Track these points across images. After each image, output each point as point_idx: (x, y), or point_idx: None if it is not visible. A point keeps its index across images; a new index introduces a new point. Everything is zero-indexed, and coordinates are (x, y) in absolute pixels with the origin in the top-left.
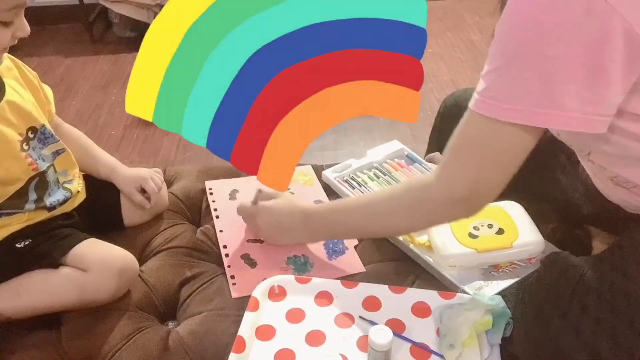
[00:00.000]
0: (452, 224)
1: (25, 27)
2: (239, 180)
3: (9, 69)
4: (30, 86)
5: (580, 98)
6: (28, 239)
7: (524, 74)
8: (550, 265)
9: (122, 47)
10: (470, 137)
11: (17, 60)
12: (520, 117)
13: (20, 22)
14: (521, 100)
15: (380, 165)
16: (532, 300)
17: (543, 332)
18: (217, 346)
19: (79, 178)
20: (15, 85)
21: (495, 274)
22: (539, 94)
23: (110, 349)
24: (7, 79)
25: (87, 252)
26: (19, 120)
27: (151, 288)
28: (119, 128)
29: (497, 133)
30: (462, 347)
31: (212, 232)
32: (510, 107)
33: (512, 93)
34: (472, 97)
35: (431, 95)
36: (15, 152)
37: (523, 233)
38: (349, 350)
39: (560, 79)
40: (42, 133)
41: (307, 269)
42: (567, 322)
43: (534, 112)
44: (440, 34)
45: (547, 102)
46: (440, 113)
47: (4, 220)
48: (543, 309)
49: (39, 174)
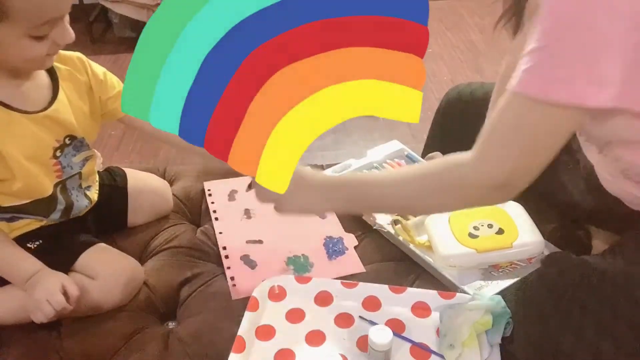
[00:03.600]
0: (452, 225)
1: (65, 35)
2: (237, 180)
3: (73, 72)
4: (91, 97)
5: (631, 74)
6: (39, 240)
7: (572, 51)
8: (551, 265)
9: (122, 47)
10: (513, 120)
11: (91, 64)
12: (569, 96)
13: (58, 31)
14: (570, 78)
15: (380, 165)
16: (532, 300)
17: (543, 331)
18: (217, 346)
19: (95, 183)
20: (71, 92)
21: (495, 273)
22: (588, 72)
23: (110, 349)
24: (65, 83)
25: (96, 259)
26: (60, 128)
27: (151, 288)
28: (119, 128)
29: (542, 114)
30: (462, 347)
31: (212, 232)
32: (558, 87)
33: (559, 71)
34: (513, 78)
35: (431, 95)
36: (45, 158)
37: (523, 233)
38: (349, 350)
39: (610, 55)
40: (79, 141)
41: (307, 269)
42: (568, 321)
43: (584, 91)
44: (440, 34)
45: (597, 79)
46: (442, 107)
47: (23, 222)
48: (544, 308)
49: (62, 181)
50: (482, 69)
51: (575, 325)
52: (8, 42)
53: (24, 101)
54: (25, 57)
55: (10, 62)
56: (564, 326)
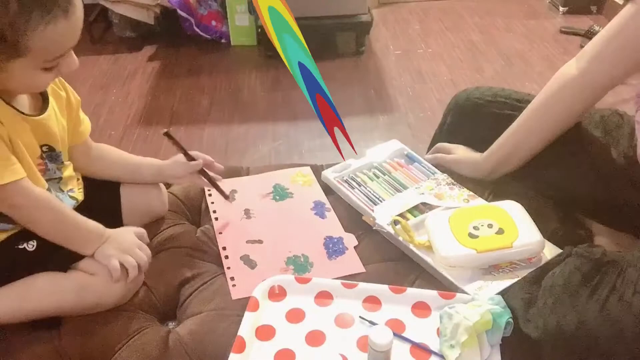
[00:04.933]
0: (451, 225)
1: (71, 64)
2: (237, 180)
3: (57, 91)
4: (69, 113)
5: None
6: (32, 240)
7: None
8: (587, 256)
9: (122, 47)
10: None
11: (67, 86)
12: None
13: (65, 60)
14: None
15: (380, 165)
16: (562, 282)
17: (569, 305)
18: (217, 346)
19: (77, 184)
20: (56, 107)
21: (496, 273)
22: None
23: (110, 349)
24: (52, 98)
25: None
26: (44, 136)
27: (151, 288)
28: (119, 128)
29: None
30: (462, 348)
31: (212, 232)
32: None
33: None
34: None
35: (431, 95)
36: (34, 157)
37: (523, 233)
38: (349, 351)
39: None
40: (56, 154)
41: (307, 269)
42: (595, 297)
43: None
44: (440, 34)
45: None
46: (451, 109)
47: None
48: (572, 287)
49: (49, 180)
50: (482, 69)
51: (602, 300)
52: (21, 75)
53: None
54: (32, 86)
55: (15, 89)
56: (591, 301)
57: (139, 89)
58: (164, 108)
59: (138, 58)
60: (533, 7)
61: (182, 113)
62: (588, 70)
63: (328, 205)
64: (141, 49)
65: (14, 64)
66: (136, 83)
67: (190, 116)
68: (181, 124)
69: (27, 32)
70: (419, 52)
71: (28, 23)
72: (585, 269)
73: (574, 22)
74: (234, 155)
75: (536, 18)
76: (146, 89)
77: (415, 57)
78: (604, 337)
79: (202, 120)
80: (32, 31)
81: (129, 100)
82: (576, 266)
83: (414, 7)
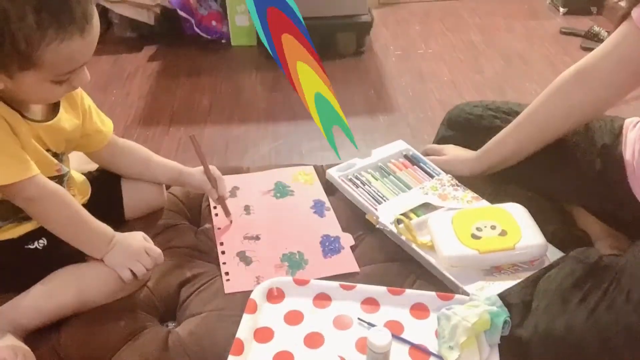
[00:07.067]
0: (454, 225)
1: (83, 78)
2: (238, 177)
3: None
4: (84, 114)
5: None
6: (41, 238)
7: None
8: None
9: (122, 48)
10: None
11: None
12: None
13: (77, 75)
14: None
15: (385, 165)
16: (555, 285)
17: (560, 309)
18: (216, 346)
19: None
20: (67, 109)
21: (497, 274)
22: None
23: (110, 349)
24: (62, 101)
25: None
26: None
27: (151, 288)
28: (119, 128)
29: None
30: (461, 349)
31: (212, 233)
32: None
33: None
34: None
35: (431, 95)
36: (48, 160)
37: (526, 235)
38: (348, 352)
39: None
40: (59, 157)
41: (302, 266)
42: (585, 304)
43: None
44: (440, 34)
45: None
46: (444, 125)
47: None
48: (564, 291)
49: (59, 176)
50: (483, 70)
51: (590, 308)
52: (31, 86)
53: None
54: (43, 98)
55: (27, 100)
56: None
57: (139, 89)
58: (164, 108)
59: (138, 58)
60: (533, 7)
61: (182, 113)
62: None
63: (328, 204)
64: (141, 49)
65: (25, 74)
66: (136, 83)
67: (190, 116)
68: (181, 124)
69: (41, 47)
70: (420, 52)
71: (43, 39)
72: (579, 273)
73: (574, 22)
74: (234, 155)
75: (536, 19)
76: (146, 89)
77: (416, 58)
78: (589, 344)
79: (202, 120)
80: (46, 46)
81: (129, 101)
82: (571, 270)
83: (414, 7)
